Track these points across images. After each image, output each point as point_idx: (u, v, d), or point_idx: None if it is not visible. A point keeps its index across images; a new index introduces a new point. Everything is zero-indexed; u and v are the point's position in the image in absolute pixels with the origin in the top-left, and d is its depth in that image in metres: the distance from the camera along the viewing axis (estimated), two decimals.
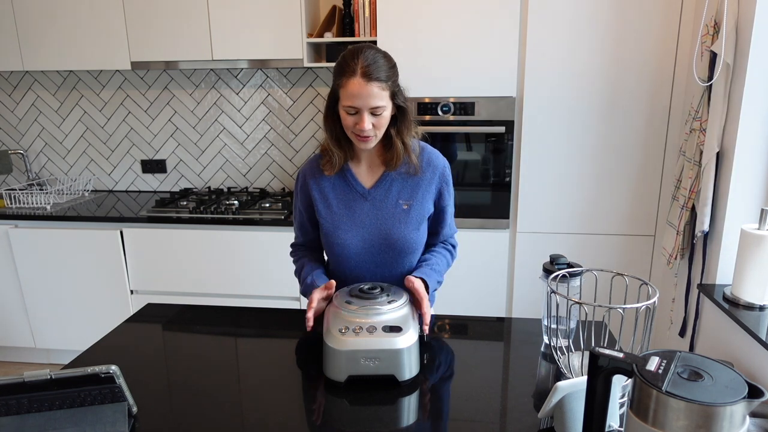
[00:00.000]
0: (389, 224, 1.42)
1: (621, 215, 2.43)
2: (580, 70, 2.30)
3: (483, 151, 2.44)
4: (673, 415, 0.76)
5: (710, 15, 1.95)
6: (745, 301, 1.79)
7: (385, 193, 1.43)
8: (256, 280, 2.69)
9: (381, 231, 1.42)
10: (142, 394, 1.18)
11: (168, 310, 1.64)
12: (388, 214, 1.42)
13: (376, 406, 1.13)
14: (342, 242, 1.43)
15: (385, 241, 1.42)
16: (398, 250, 1.42)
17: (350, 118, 1.30)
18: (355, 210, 1.43)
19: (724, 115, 1.93)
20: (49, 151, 3.32)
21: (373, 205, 1.43)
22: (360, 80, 1.25)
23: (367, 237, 1.42)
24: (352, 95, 1.26)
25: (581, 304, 1.07)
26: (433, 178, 1.44)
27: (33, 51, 2.80)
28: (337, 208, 1.43)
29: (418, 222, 1.44)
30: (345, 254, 1.44)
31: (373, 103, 1.27)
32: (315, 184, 1.45)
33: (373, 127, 1.30)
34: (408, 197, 1.43)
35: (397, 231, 1.41)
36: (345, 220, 1.43)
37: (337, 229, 1.43)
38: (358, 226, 1.42)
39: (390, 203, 1.42)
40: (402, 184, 1.43)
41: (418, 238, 1.44)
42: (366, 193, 1.43)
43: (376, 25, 2.40)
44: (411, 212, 1.43)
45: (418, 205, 1.43)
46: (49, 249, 2.76)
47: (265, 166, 3.17)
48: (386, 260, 1.44)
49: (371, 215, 1.42)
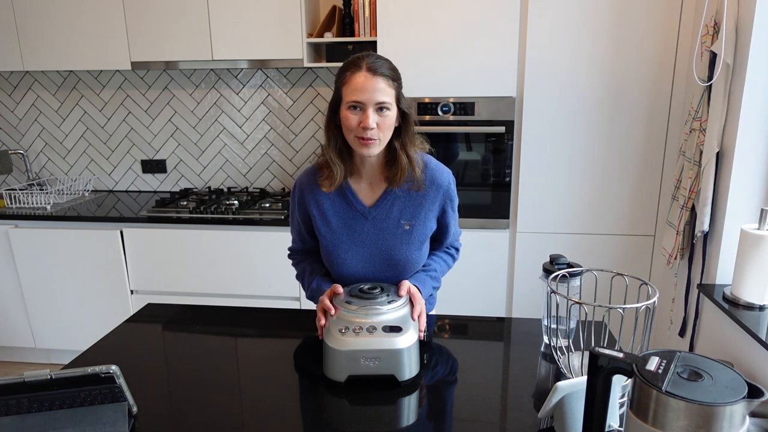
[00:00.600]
0: (390, 245, 1.38)
1: (621, 215, 2.43)
2: (580, 70, 2.30)
3: (483, 151, 2.44)
4: (673, 415, 0.76)
5: (710, 15, 1.94)
6: (745, 301, 1.79)
7: (387, 212, 1.39)
8: (256, 280, 2.69)
9: (382, 251, 1.39)
10: (142, 394, 1.17)
11: (168, 310, 1.64)
12: (390, 235, 1.38)
13: (376, 406, 1.13)
14: (342, 261, 1.40)
15: (387, 261, 1.39)
16: (400, 270, 1.40)
17: (354, 116, 1.25)
18: (356, 229, 1.39)
19: (723, 115, 1.93)
20: (49, 151, 3.32)
21: (374, 225, 1.39)
22: (366, 74, 1.23)
23: (368, 257, 1.40)
24: (357, 89, 1.23)
25: (581, 304, 1.07)
26: (437, 196, 1.40)
27: (33, 51, 2.80)
28: (337, 227, 1.39)
29: (420, 242, 1.41)
30: (346, 272, 1.42)
31: (379, 98, 1.23)
32: (313, 200, 1.40)
33: (378, 129, 1.25)
34: (410, 217, 1.39)
35: (399, 252, 1.38)
36: (345, 240, 1.39)
37: (337, 249, 1.40)
38: (359, 246, 1.39)
39: (391, 223, 1.38)
40: (404, 203, 1.39)
41: (420, 257, 1.42)
42: (366, 212, 1.39)
43: (376, 25, 2.40)
44: (413, 233, 1.39)
45: (420, 225, 1.39)
46: (49, 249, 2.76)
47: (265, 166, 3.17)
48: (387, 279, 1.41)
49: (372, 235, 1.39)
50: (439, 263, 1.49)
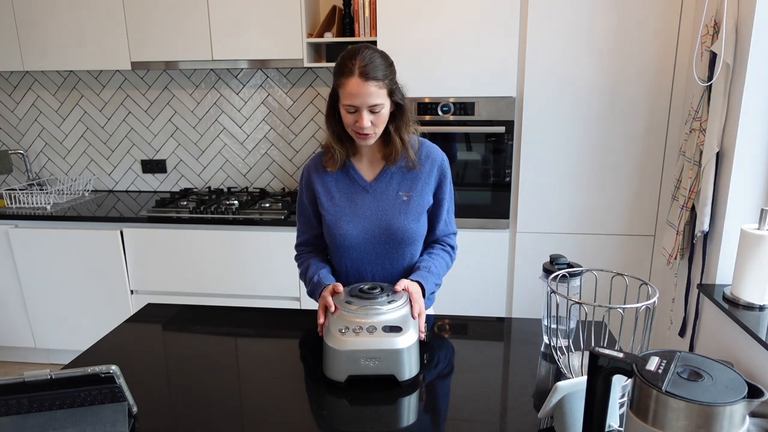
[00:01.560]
0: (390, 215, 1.45)
1: (621, 215, 2.43)
2: (580, 71, 2.30)
3: (483, 151, 2.44)
4: (673, 415, 0.76)
5: (710, 15, 1.95)
6: (745, 301, 1.79)
7: (386, 185, 1.47)
8: (256, 280, 2.69)
9: (382, 222, 1.45)
10: (142, 394, 1.17)
11: (168, 310, 1.64)
12: (389, 205, 1.46)
13: (376, 406, 1.13)
14: (344, 233, 1.45)
15: (386, 231, 1.45)
16: (398, 241, 1.45)
17: (350, 116, 1.35)
18: (357, 202, 1.47)
19: (724, 115, 1.93)
20: (49, 151, 3.32)
21: (375, 197, 1.46)
22: (358, 80, 1.29)
23: (368, 228, 1.45)
24: (351, 94, 1.31)
25: (581, 304, 1.07)
26: (432, 170, 1.48)
27: (33, 51, 2.80)
28: (340, 201, 1.47)
29: (418, 213, 1.47)
30: (346, 245, 1.47)
31: (371, 102, 1.31)
32: (319, 179, 1.49)
33: (372, 125, 1.35)
34: (408, 189, 1.47)
35: (398, 221, 1.45)
36: (347, 212, 1.46)
37: (339, 221, 1.46)
38: (360, 218, 1.45)
39: (390, 195, 1.46)
40: (402, 178, 1.47)
41: (417, 228, 1.47)
42: (368, 186, 1.47)
43: (376, 25, 2.40)
44: (411, 203, 1.46)
45: (417, 196, 1.47)
46: (49, 249, 2.76)
47: (265, 166, 3.17)
48: (387, 251, 1.47)
49: (372, 207, 1.46)
50: (438, 261, 1.51)
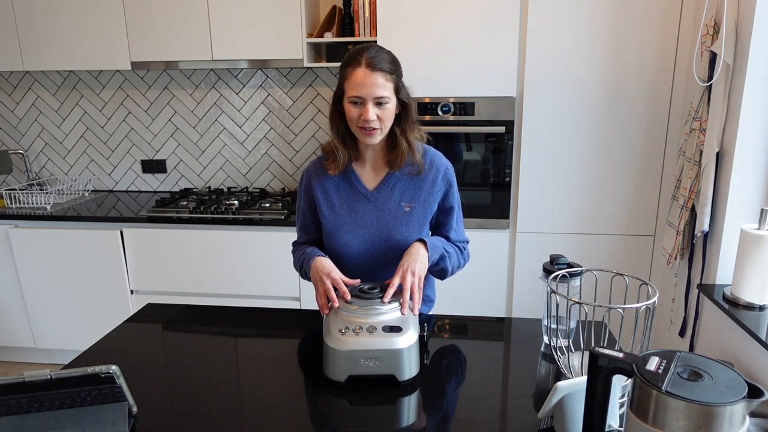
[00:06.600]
0: (391, 226, 1.43)
1: (621, 215, 2.43)
2: (579, 70, 2.30)
3: (483, 151, 2.44)
4: (673, 415, 0.76)
5: (710, 15, 1.94)
6: (745, 301, 1.79)
7: (388, 194, 1.44)
8: (256, 280, 2.69)
9: (383, 233, 1.43)
10: (142, 394, 1.17)
11: (168, 310, 1.64)
12: (390, 216, 1.43)
13: (376, 406, 1.13)
14: (344, 243, 1.44)
15: (387, 242, 1.43)
16: (399, 252, 1.42)
17: (355, 110, 1.32)
18: (358, 211, 1.44)
19: (724, 115, 1.93)
20: (49, 151, 3.32)
21: (376, 207, 1.44)
22: (365, 70, 1.29)
23: (368, 238, 1.43)
24: (357, 84, 1.30)
25: (581, 304, 1.07)
26: (436, 179, 1.45)
27: (33, 51, 2.80)
28: (340, 209, 1.44)
29: (420, 225, 1.45)
30: (347, 255, 1.45)
31: (377, 93, 1.30)
32: (319, 184, 1.46)
33: (378, 120, 1.32)
34: (410, 199, 1.44)
35: (399, 233, 1.42)
36: (347, 221, 1.44)
37: (339, 230, 1.44)
38: (360, 228, 1.43)
39: (392, 205, 1.44)
40: (405, 186, 1.44)
41: None
42: (369, 195, 1.44)
43: (376, 25, 2.40)
44: (413, 214, 1.44)
45: (420, 207, 1.44)
46: (49, 249, 2.75)
47: (265, 166, 3.17)
48: (387, 262, 1.44)
49: (373, 217, 1.43)
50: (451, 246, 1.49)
